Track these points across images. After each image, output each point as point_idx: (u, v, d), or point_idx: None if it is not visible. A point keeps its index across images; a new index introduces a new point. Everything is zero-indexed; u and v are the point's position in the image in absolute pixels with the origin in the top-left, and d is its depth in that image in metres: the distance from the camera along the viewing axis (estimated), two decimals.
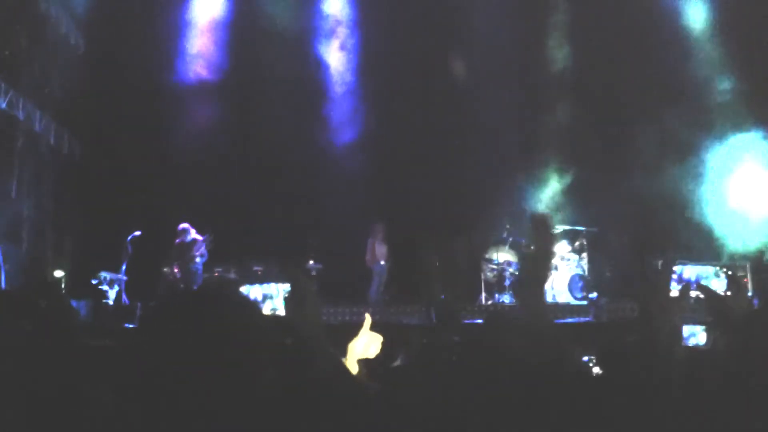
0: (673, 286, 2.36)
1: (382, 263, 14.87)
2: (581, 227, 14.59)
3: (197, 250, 13.55)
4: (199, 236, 13.69)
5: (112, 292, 13.53)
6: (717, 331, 2.71)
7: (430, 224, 15.22)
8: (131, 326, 12.30)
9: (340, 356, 2.71)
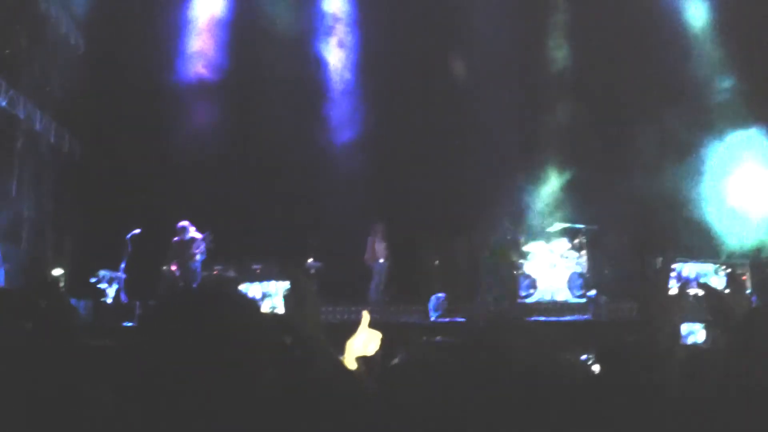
0: (672, 285, 2.37)
1: (381, 261, 14.87)
2: (580, 225, 14.58)
3: (196, 248, 13.55)
4: (198, 234, 13.69)
5: (111, 291, 13.54)
6: (717, 330, 2.71)
7: (430, 224, 15.24)
8: (130, 325, 12.32)
9: (338, 355, 2.71)
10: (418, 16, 16.28)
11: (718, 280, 12.47)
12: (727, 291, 2.94)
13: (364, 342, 2.80)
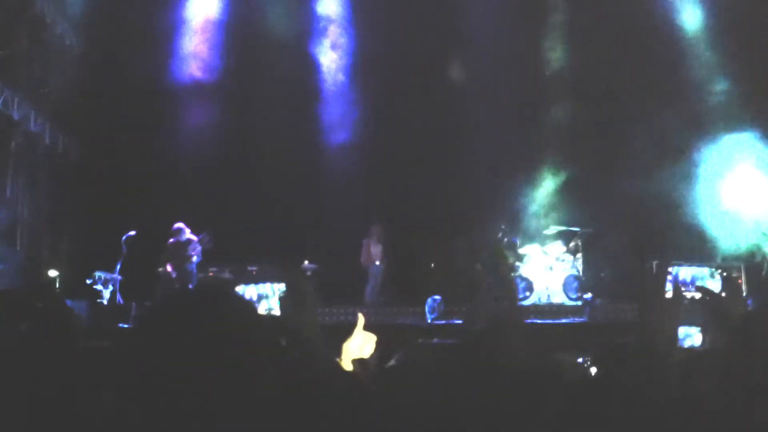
0: (668, 288, 2.37)
1: (378, 264, 14.88)
2: (576, 228, 14.60)
3: (192, 250, 13.52)
4: (193, 236, 13.67)
5: (107, 292, 13.52)
6: (714, 333, 2.71)
7: (427, 226, 15.25)
8: (126, 326, 12.31)
9: (335, 357, 2.71)
10: (415, 17, 16.28)
11: (714, 284, 12.48)
12: (723, 294, 2.94)
13: (360, 345, 2.80)
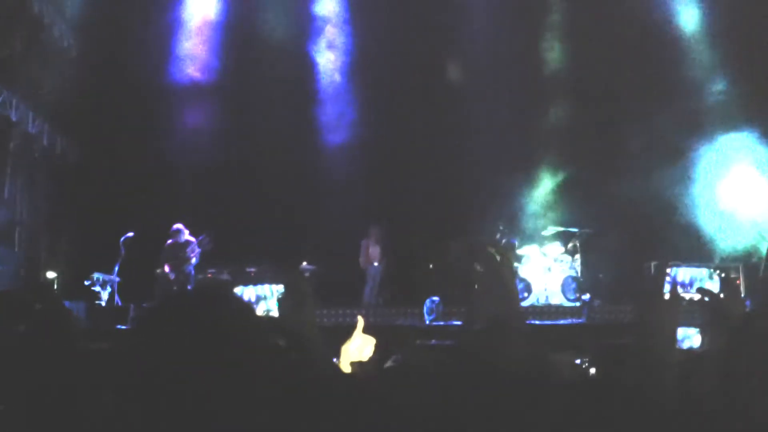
0: (666, 289, 2.36)
1: (376, 265, 14.88)
2: (574, 229, 14.60)
3: (191, 251, 13.52)
4: (192, 237, 13.66)
5: (105, 294, 13.52)
6: (713, 334, 2.71)
7: (425, 227, 15.25)
8: (124, 328, 12.30)
9: (334, 358, 2.71)
10: (413, 17, 16.28)
11: (713, 284, 12.49)
12: (722, 295, 2.94)
13: (359, 347, 2.80)
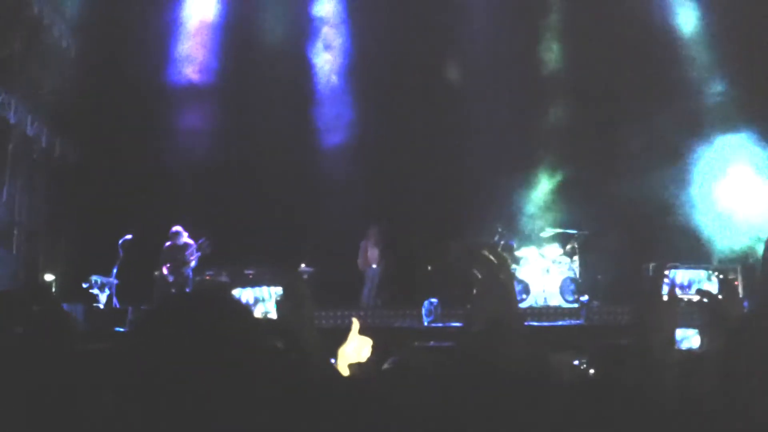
0: (665, 290, 2.37)
1: (374, 267, 14.88)
2: (573, 230, 14.60)
3: (190, 254, 13.51)
4: (191, 240, 13.65)
5: (103, 296, 13.51)
6: (712, 334, 2.71)
7: (425, 228, 15.25)
8: (122, 330, 12.29)
9: (332, 360, 2.71)
10: (411, 17, 16.28)
11: (711, 286, 12.48)
12: (720, 296, 2.94)
13: (356, 348, 2.80)
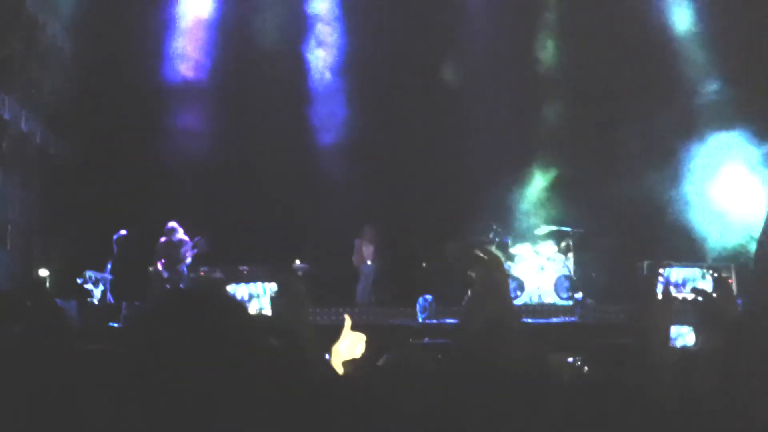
0: (659, 288, 2.37)
1: (369, 264, 14.89)
2: (568, 228, 14.61)
3: (185, 251, 13.50)
4: (186, 237, 13.65)
5: (98, 292, 13.50)
6: (706, 332, 2.72)
7: (420, 225, 15.26)
8: (116, 325, 12.27)
9: (326, 356, 2.71)
10: (409, 17, 16.27)
11: (705, 284, 12.48)
12: (715, 294, 2.95)
13: (349, 345, 2.80)
